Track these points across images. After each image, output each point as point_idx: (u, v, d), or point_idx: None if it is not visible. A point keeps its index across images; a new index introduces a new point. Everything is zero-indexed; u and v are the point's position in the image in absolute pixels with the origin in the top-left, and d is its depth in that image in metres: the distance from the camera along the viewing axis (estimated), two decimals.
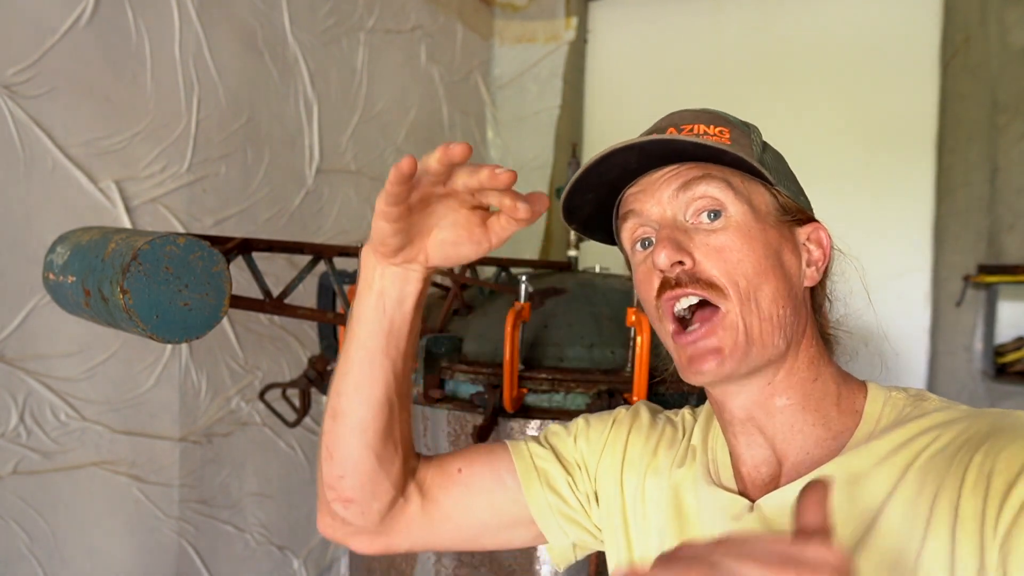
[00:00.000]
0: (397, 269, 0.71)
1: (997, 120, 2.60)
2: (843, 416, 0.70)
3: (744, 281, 0.66)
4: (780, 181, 0.71)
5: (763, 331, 0.67)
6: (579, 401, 1.36)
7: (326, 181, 2.19)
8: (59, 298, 1.07)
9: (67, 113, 1.50)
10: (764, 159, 0.71)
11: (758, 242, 0.68)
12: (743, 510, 0.70)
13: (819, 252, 0.73)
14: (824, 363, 0.72)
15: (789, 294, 0.69)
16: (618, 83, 3.22)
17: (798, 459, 0.70)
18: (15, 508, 1.46)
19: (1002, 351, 2.59)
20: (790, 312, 0.69)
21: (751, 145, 0.71)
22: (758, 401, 0.70)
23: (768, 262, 0.68)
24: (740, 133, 0.72)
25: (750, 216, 0.68)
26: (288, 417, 1.74)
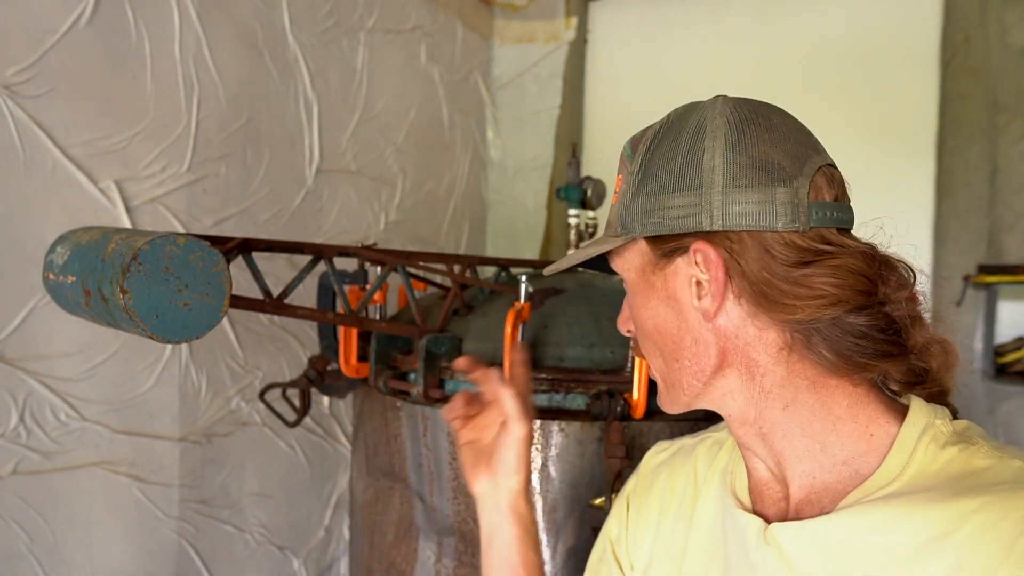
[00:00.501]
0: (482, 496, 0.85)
1: (997, 120, 2.60)
2: (849, 440, 0.64)
3: (647, 341, 0.73)
4: (646, 222, 0.67)
5: (672, 380, 0.71)
6: (579, 401, 1.36)
7: (326, 181, 2.19)
8: (59, 298, 1.07)
9: (67, 113, 1.50)
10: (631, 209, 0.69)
11: (642, 307, 0.72)
12: (758, 536, 0.67)
13: (706, 276, 0.65)
14: (801, 389, 0.65)
15: (682, 343, 0.69)
16: (618, 83, 3.22)
17: (805, 482, 0.67)
18: (15, 508, 1.46)
19: (1002, 351, 2.59)
20: (692, 359, 0.68)
21: (626, 191, 0.70)
22: (738, 430, 0.71)
23: (654, 321, 0.71)
24: (625, 176, 0.72)
25: (637, 280, 0.72)
26: (288, 417, 1.74)
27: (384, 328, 1.47)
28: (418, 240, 2.63)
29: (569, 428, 1.33)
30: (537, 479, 1.35)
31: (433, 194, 2.72)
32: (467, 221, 2.96)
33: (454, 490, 1.41)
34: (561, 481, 1.34)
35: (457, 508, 1.41)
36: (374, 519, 1.61)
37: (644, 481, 0.87)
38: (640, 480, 0.88)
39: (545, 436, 1.34)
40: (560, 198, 1.85)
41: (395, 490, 1.55)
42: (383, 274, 1.40)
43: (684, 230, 0.65)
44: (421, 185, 2.64)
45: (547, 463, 1.34)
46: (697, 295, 0.66)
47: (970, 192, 2.65)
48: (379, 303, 1.57)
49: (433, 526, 1.46)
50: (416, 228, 2.62)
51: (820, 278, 0.61)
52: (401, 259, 1.44)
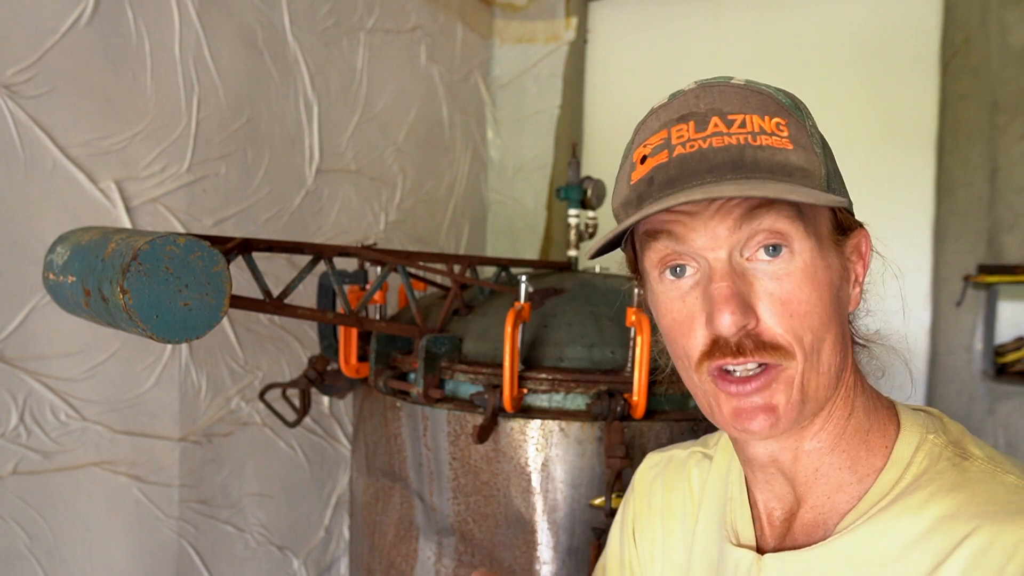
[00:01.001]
0: None
1: (997, 120, 2.60)
2: (871, 455, 0.63)
3: (810, 336, 0.58)
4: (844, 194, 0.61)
5: (819, 385, 0.59)
6: (579, 401, 1.36)
7: (326, 181, 2.19)
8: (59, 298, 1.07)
9: (67, 113, 1.50)
10: (829, 168, 0.60)
11: (824, 286, 0.58)
12: (751, 568, 0.65)
13: (861, 266, 0.64)
14: (858, 392, 0.64)
15: (844, 335, 0.61)
16: (618, 83, 3.22)
17: (818, 502, 0.64)
18: (15, 508, 1.46)
19: (1002, 351, 2.59)
20: (844, 357, 0.62)
21: (812, 146, 0.59)
22: (787, 446, 0.64)
23: (832, 308, 0.59)
24: (798, 126, 0.59)
25: (816, 253, 0.58)
26: (288, 417, 1.74)
27: (384, 328, 1.47)
28: (418, 240, 2.63)
29: (569, 428, 1.33)
30: (537, 479, 1.35)
31: (433, 194, 2.72)
32: (467, 221, 2.96)
33: (454, 490, 1.41)
34: (561, 481, 1.34)
35: (457, 508, 1.41)
36: (374, 519, 1.61)
37: (642, 501, 0.84)
38: (638, 501, 0.85)
39: (545, 436, 1.34)
40: (560, 198, 1.85)
41: (395, 490, 1.55)
42: (383, 274, 1.40)
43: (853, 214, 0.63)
44: (421, 185, 2.64)
45: (547, 463, 1.34)
46: (854, 282, 0.64)
47: (970, 192, 2.65)
48: (379, 303, 1.57)
49: (433, 526, 1.46)
50: (416, 228, 2.62)
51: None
52: (401, 259, 1.44)
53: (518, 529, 1.36)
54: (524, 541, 1.36)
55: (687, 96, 0.63)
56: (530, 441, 1.35)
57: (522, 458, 1.35)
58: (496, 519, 1.38)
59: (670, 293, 0.61)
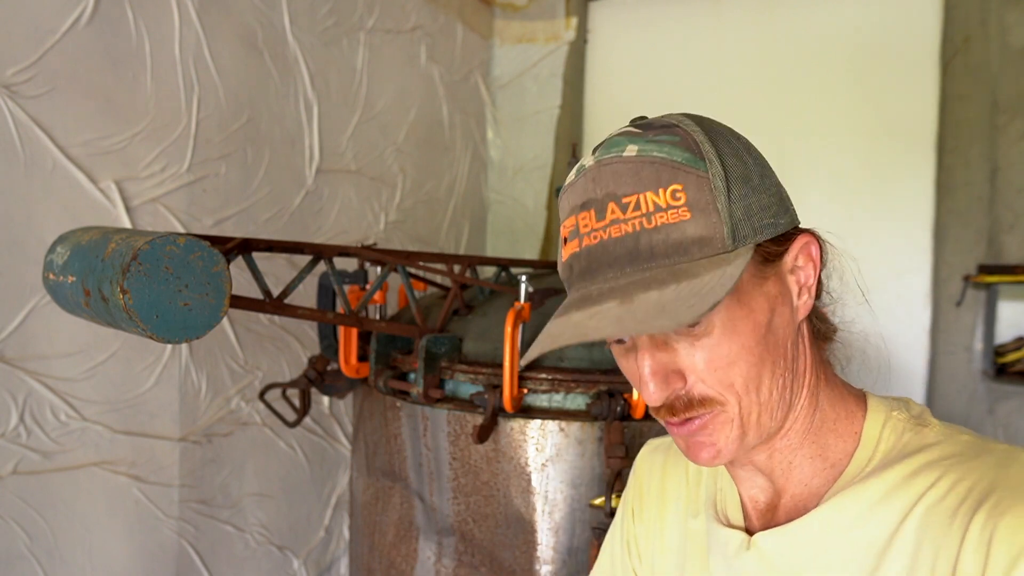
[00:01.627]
0: None
1: (997, 120, 2.60)
2: (841, 441, 0.68)
3: (741, 380, 0.60)
4: (756, 226, 0.60)
5: (761, 417, 0.63)
6: (579, 401, 1.36)
7: (326, 181, 2.19)
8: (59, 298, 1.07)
9: (67, 113, 1.50)
10: (734, 215, 0.59)
11: (748, 331, 0.60)
12: (740, 546, 0.70)
13: (809, 267, 0.64)
14: (822, 387, 0.68)
15: (786, 360, 0.63)
16: (618, 83, 3.22)
17: (796, 491, 0.69)
18: (15, 508, 1.46)
19: (1002, 351, 2.59)
20: (790, 379, 0.64)
21: (714, 202, 0.58)
22: (759, 449, 0.69)
23: (763, 345, 0.61)
24: (696, 186, 0.58)
25: (734, 306, 0.59)
26: (288, 417, 1.74)
27: (384, 328, 1.47)
28: (418, 240, 2.63)
29: (569, 428, 1.33)
30: (537, 479, 1.35)
31: (433, 194, 2.72)
32: (467, 221, 2.96)
33: (454, 490, 1.41)
34: (561, 481, 1.34)
35: (457, 508, 1.41)
36: (374, 519, 1.61)
37: (642, 484, 0.88)
38: (636, 490, 0.89)
39: (545, 436, 1.34)
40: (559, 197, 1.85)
41: (395, 490, 1.55)
42: (383, 274, 1.40)
43: (790, 226, 0.63)
44: (421, 185, 2.64)
45: (547, 463, 1.34)
46: (798, 292, 0.65)
47: (970, 192, 2.65)
48: (379, 303, 1.57)
49: (433, 526, 1.46)
50: (416, 228, 2.62)
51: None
52: (401, 259, 1.44)
53: (518, 529, 1.36)
54: (524, 541, 1.36)
55: (587, 178, 0.63)
56: (530, 441, 1.35)
57: (522, 458, 1.35)
58: (496, 519, 1.38)
59: (617, 351, 0.66)
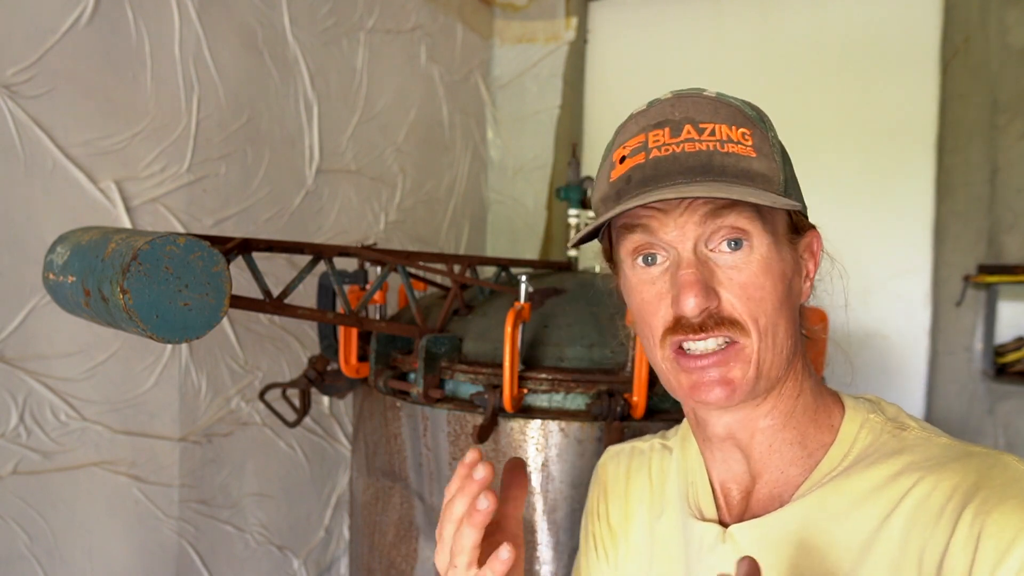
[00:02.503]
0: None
1: (997, 120, 2.60)
2: (819, 432, 0.70)
3: (764, 318, 0.65)
4: (798, 194, 0.69)
5: (772, 364, 0.66)
6: (579, 401, 1.36)
7: (326, 181, 2.19)
8: (59, 298, 1.07)
9: (67, 113, 1.50)
10: (787, 174, 0.67)
11: (777, 276, 0.66)
12: (716, 539, 0.71)
13: (812, 263, 0.71)
14: (806, 376, 0.71)
15: (794, 322, 0.68)
16: (618, 83, 3.22)
17: (772, 477, 0.70)
18: (15, 508, 1.46)
19: (1002, 351, 2.59)
20: (794, 341, 0.68)
21: (773, 155, 0.66)
22: (742, 422, 0.70)
23: (784, 295, 0.66)
24: (761, 136, 0.66)
25: (772, 247, 0.66)
26: (288, 417, 1.74)
27: (384, 328, 1.47)
28: (418, 240, 2.63)
29: (569, 428, 1.33)
30: (537, 479, 1.35)
31: (433, 194, 2.72)
32: (467, 221, 2.96)
33: None
34: (561, 481, 1.34)
35: None
36: (374, 519, 1.61)
37: (605, 489, 0.89)
38: (601, 488, 0.89)
39: (545, 436, 1.34)
40: (560, 198, 1.85)
41: (395, 490, 1.55)
42: (383, 274, 1.40)
43: (806, 216, 0.70)
44: (421, 185, 2.64)
45: (547, 463, 1.34)
46: (805, 276, 0.71)
47: (970, 192, 2.65)
48: (379, 303, 1.57)
49: (433, 526, 1.46)
50: (416, 228, 2.62)
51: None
52: (401, 259, 1.44)
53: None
54: (524, 541, 1.36)
55: (664, 104, 0.68)
56: (530, 441, 1.35)
57: (522, 458, 1.35)
58: None
59: (642, 278, 0.69)
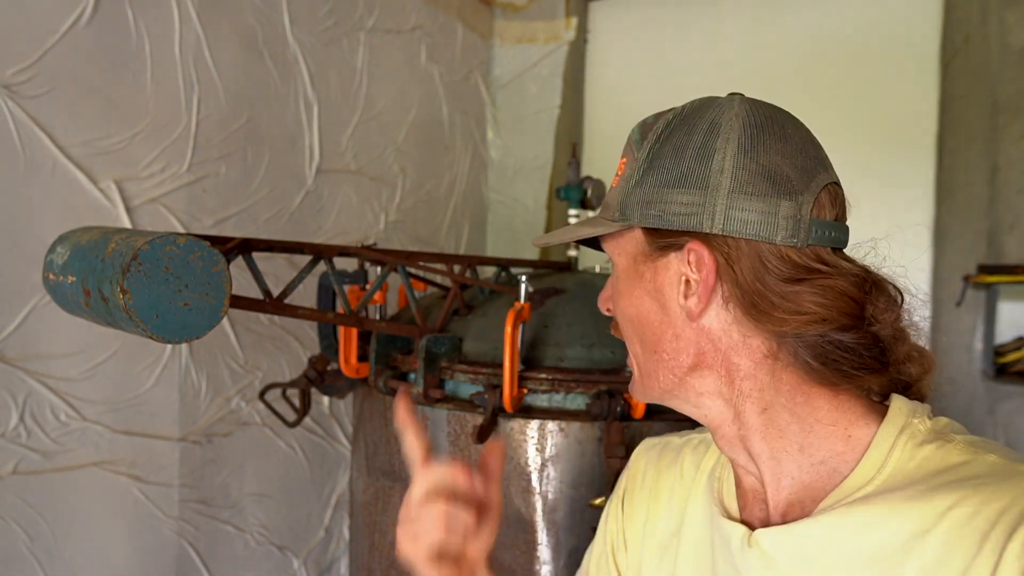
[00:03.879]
0: None
1: (997, 120, 2.60)
2: (826, 441, 0.66)
3: (626, 324, 0.73)
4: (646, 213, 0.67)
5: (647, 370, 0.71)
6: (579, 401, 1.36)
7: (326, 181, 2.19)
8: (59, 298, 1.07)
9: (67, 113, 1.50)
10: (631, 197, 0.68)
11: (627, 294, 0.72)
12: (742, 542, 0.68)
13: (697, 276, 0.65)
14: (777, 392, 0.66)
15: (663, 336, 0.69)
16: (618, 83, 3.22)
17: (784, 483, 0.68)
18: (15, 508, 1.46)
19: (1002, 351, 2.59)
20: (671, 353, 0.69)
21: (629, 178, 0.69)
22: (716, 433, 0.71)
23: (637, 309, 0.71)
24: (629, 162, 0.71)
25: (627, 265, 0.72)
26: (288, 417, 1.74)
27: (384, 328, 1.47)
28: (418, 240, 2.63)
29: (569, 428, 1.33)
30: (537, 479, 1.35)
31: (433, 194, 2.72)
32: (467, 221, 2.96)
33: None
34: (561, 481, 1.34)
35: None
36: (374, 519, 1.61)
37: (634, 482, 0.88)
38: (630, 480, 0.89)
39: (545, 436, 1.34)
40: (560, 198, 1.85)
41: (395, 490, 1.55)
42: (383, 274, 1.40)
43: (683, 228, 0.65)
44: (421, 185, 2.64)
45: (547, 463, 1.34)
46: (684, 294, 0.67)
47: (970, 192, 2.64)
48: (379, 303, 1.57)
49: None
50: (416, 228, 2.62)
51: (810, 296, 0.62)
52: (401, 259, 1.44)
53: (518, 529, 1.36)
54: (524, 541, 1.36)
55: None
56: (530, 441, 1.35)
57: (522, 458, 1.35)
58: None
59: None
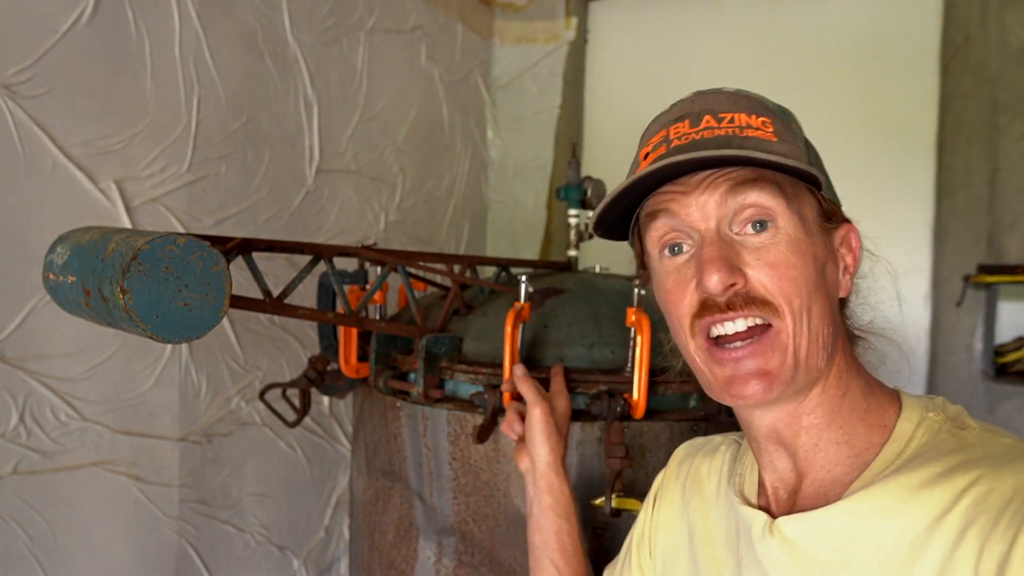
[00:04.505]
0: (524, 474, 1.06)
1: (997, 120, 2.60)
2: (869, 431, 0.67)
3: (798, 300, 0.62)
4: (830, 189, 0.68)
5: (810, 352, 0.64)
6: (579, 401, 1.36)
7: (326, 181, 2.19)
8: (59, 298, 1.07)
9: (67, 113, 1.50)
10: (811, 158, 0.67)
11: (808, 256, 0.63)
12: (764, 528, 0.68)
13: (851, 257, 0.70)
14: (852, 375, 0.69)
15: (832, 310, 0.66)
16: (618, 83, 3.22)
17: (818, 476, 0.68)
18: (15, 508, 1.46)
19: (1002, 351, 2.59)
20: (832, 331, 0.66)
21: (796, 141, 0.66)
22: (785, 420, 0.68)
23: (818, 278, 0.64)
24: (783, 125, 0.66)
25: (800, 228, 0.64)
26: (288, 417, 1.74)
27: (384, 328, 1.47)
28: (418, 240, 2.63)
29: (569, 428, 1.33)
30: None
31: (433, 194, 2.72)
32: (467, 221, 2.96)
33: (454, 490, 1.41)
34: None
35: (457, 508, 1.41)
36: (374, 519, 1.61)
37: (671, 473, 0.90)
38: (667, 473, 0.91)
39: None
40: (560, 198, 1.85)
41: (395, 490, 1.55)
42: (383, 274, 1.40)
43: (841, 210, 0.70)
44: (421, 185, 2.64)
45: None
46: (842, 270, 0.70)
47: (970, 192, 2.65)
48: (379, 303, 1.57)
49: (433, 526, 1.46)
50: (416, 228, 2.62)
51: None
52: (401, 259, 1.44)
53: (518, 529, 1.36)
54: (524, 541, 1.36)
55: (684, 102, 0.70)
56: None
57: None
58: (496, 519, 1.38)
59: (668, 268, 0.68)
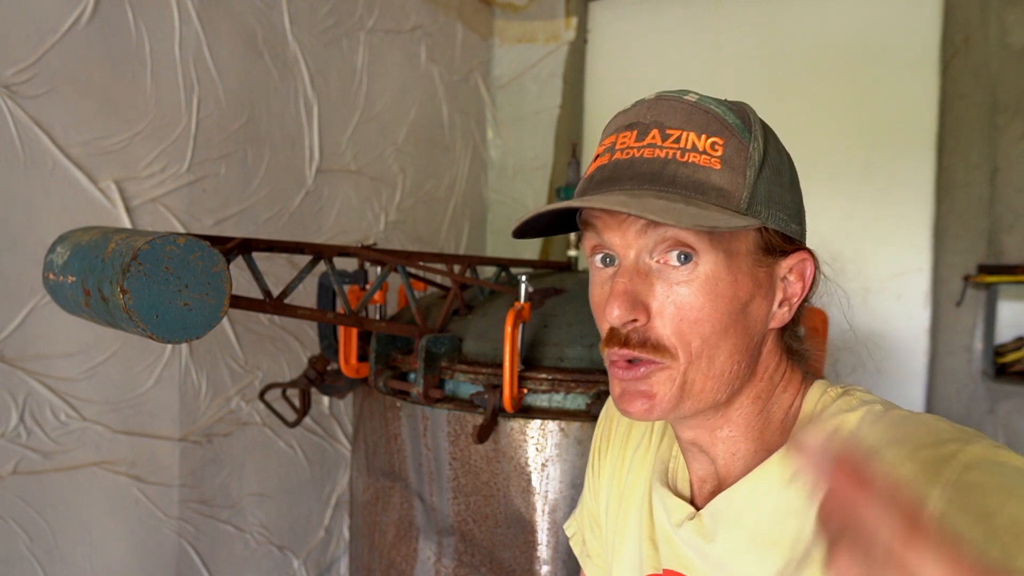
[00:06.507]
0: None
1: (997, 120, 2.60)
2: (784, 435, 0.69)
3: (698, 342, 0.63)
4: (772, 212, 0.64)
5: (705, 388, 0.64)
6: (579, 401, 1.36)
7: (326, 181, 2.19)
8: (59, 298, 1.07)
9: (67, 113, 1.50)
10: (756, 190, 0.63)
11: (724, 297, 0.62)
12: (685, 517, 0.72)
13: (798, 285, 0.68)
14: (778, 392, 0.70)
15: (747, 348, 0.66)
16: (618, 83, 3.22)
17: (740, 475, 0.71)
18: (15, 508, 1.46)
19: (1002, 351, 2.59)
20: (744, 366, 0.66)
21: (744, 168, 0.62)
22: (700, 432, 0.71)
23: (730, 319, 0.63)
24: (736, 148, 0.62)
25: (722, 265, 0.62)
26: (288, 417, 1.74)
27: (384, 328, 1.47)
28: (418, 240, 2.63)
29: (569, 428, 1.33)
30: (537, 479, 1.35)
31: (433, 194, 2.72)
32: (467, 221, 2.96)
33: (454, 490, 1.41)
34: (561, 481, 1.34)
35: (457, 508, 1.41)
36: (374, 519, 1.61)
37: (607, 428, 0.91)
38: (608, 424, 0.92)
39: (545, 436, 1.34)
40: (560, 198, 1.85)
41: (395, 490, 1.55)
42: (383, 274, 1.40)
43: (797, 236, 0.68)
44: (421, 185, 2.64)
45: (547, 463, 1.34)
46: (780, 301, 0.68)
47: (970, 192, 2.65)
48: (379, 303, 1.57)
49: (433, 526, 1.46)
50: (416, 228, 2.62)
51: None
52: (401, 259, 1.44)
53: (518, 529, 1.36)
54: (524, 541, 1.36)
55: (642, 106, 0.68)
56: (530, 441, 1.35)
57: (522, 458, 1.35)
58: (496, 519, 1.38)
59: (595, 278, 0.69)
